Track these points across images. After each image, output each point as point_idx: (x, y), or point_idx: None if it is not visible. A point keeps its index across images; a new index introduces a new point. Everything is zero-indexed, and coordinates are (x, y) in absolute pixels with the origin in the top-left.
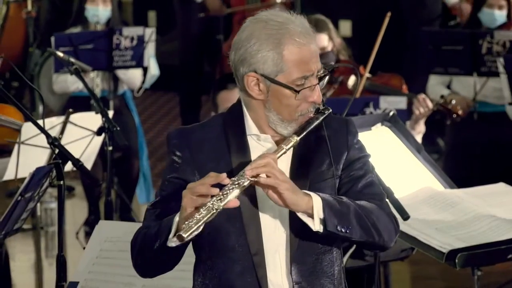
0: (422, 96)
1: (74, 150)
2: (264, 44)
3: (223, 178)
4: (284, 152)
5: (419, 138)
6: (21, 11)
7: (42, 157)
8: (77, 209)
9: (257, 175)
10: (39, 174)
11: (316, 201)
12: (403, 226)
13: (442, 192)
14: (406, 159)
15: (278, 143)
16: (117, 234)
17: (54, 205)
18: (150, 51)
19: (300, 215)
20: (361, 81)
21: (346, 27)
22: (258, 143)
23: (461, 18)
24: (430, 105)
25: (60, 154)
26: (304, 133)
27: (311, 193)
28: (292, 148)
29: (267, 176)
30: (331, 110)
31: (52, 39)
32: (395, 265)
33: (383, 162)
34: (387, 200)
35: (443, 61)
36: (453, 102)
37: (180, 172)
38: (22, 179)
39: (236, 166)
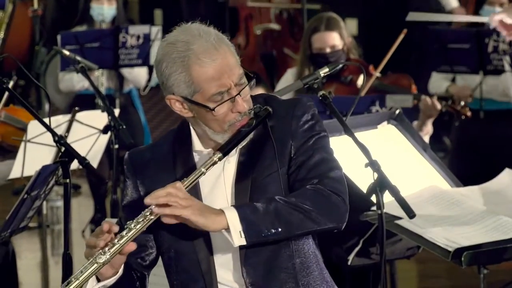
0: (430, 97)
1: (80, 148)
2: (173, 67)
3: (106, 227)
4: (203, 174)
5: (426, 139)
6: (27, 9)
7: (48, 155)
8: (83, 207)
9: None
10: (45, 172)
11: (231, 216)
12: (409, 224)
13: (447, 190)
14: (412, 157)
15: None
16: None
17: (60, 203)
18: (156, 49)
19: (223, 231)
20: (369, 80)
21: (352, 25)
22: (204, 159)
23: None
24: (438, 106)
25: (66, 153)
26: (229, 147)
27: (225, 209)
28: (236, 149)
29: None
30: (270, 111)
31: (58, 37)
32: (401, 263)
33: (389, 160)
34: (332, 174)
35: (449, 60)
36: (462, 103)
37: (130, 200)
38: (28, 177)
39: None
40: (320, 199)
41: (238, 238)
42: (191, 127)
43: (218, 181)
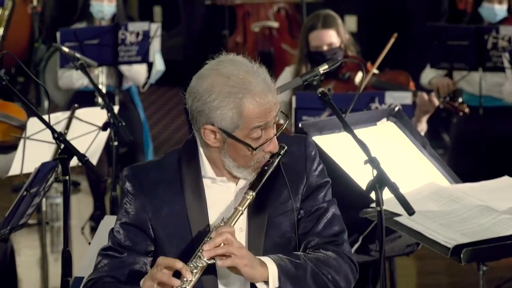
0: (428, 93)
1: (80, 145)
2: (224, 101)
3: (179, 264)
4: (241, 214)
5: None
6: (27, 6)
7: (48, 152)
8: (82, 204)
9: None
10: (44, 169)
11: (272, 270)
12: (408, 221)
13: (446, 187)
14: (411, 154)
15: (236, 182)
16: None
17: (59, 200)
18: (155, 46)
19: (257, 284)
20: (367, 77)
21: (351, 22)
22: (214, 185)
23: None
24: (436, 102)
25: (65, 149)
26: (260, 185)
27: (267, 261)
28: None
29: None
30: (286, 149)
31: (58, 34)
32: (401, 260)
33: (388, 157)
34: (345, 236)
35: (449, 56)
36: (460, 99)
37: (133, 219)
38: (28, 174)
39: (191, 210)
40: (341, 268)
41: None
42: (201, 152)
43: (229, 213)
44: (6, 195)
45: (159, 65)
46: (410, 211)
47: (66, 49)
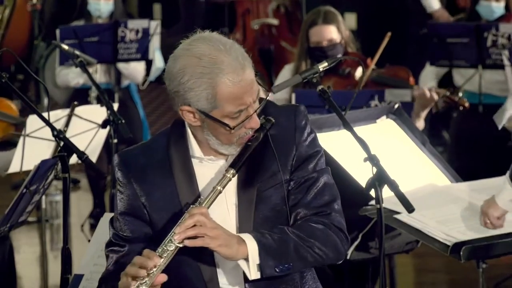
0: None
1: (79, 142)
2: (197, 82)
3: (148, 262)
4: (220, 193)
5: None
6: (26, 3)
7: (47, 150)
8: (82, 202)
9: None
10: (44, 167)
11: (251, 247)
12: (408, 219)
13: (444, 189)
14: (411, 152)
15: (225, 158)
16: None
17: (59, 197)
18: (155, 43)
19: (239, 262)
20: (366, 73)
21: (351, 19)
22: (203, 164)
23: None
24: (436, 97)
25: (65, 147)
26: (241, 162)
27: (246, 238)
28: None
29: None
30: (273, 122)
31: (57, 31)
32: (400, 257)
33: (388, 154)
34: (336, 206)
35: (448, 54)
36: (460, 94)
37: (127, 207)
38: (27, 172)
39: (182, 191)
40: (328, 238)
41: (254, 272)
42: (189, 132)
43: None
44: (5, 192)
45: (159, 63)
46: (410, 208)
47: (65, 47)
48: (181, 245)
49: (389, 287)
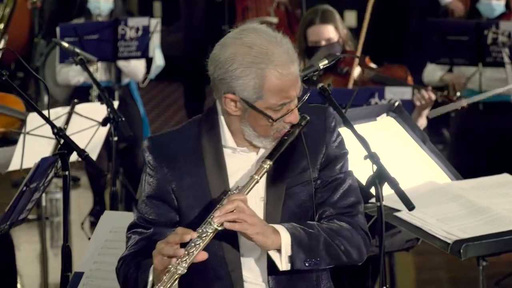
0: (425, 88)
1: (79, 140)
2: (246, 71)
3: (188, 236)
4: (257, 182)
5: None
6: (27, 1)
7: (47, 147)
8: (82, 200)
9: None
10: (44, 165)
11: (285, 238)
12: (408, 216)
13: (444, 186)
14: (411, 150)
15: (257, 151)
16: (122, 224)
17: (59, 195)
18: (155, 41)
19: (270, 252)
20: (354, 64)
21: (351, 17)
22: (235, 155)
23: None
24: (433, 97)
25: (65, 145)
26: (278, 155)
27: (281, 230)
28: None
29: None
30: (308, 119)
31: (57, 29)
32: (400, 255)
33: (388, 152)
34: (360, 208)
35: (448, 52)
36: (458, 94)
37: (156, 191)
38: (27, 170)
39: (212, 180)
40: (354, 238)
41: (285, 263)
42: (222, 122)
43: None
44: (5, 190)
45: (159, 60)
46: (410, 206)
47: (65, 44)
48: (220, 228)
49: (389, 285)
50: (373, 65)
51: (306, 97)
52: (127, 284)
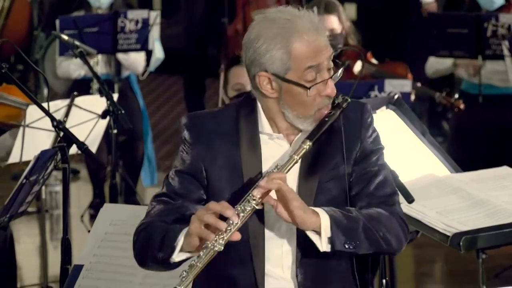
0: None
1: (79, 133)
2: (272, 43)
3: (230, 211)
4: (296, 162)
5: None
6: None
7: (47, 140)
8: (82, 192)
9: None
10: (44, 157)
11: (324, 220)
12: (408, 209)
13: (443, 179)
14: (411, 143)
15: (291, 141)
16: (122, 217)
17: (59, 188)
18: (154, 34)
19: (308, 233)
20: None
21: (351, 10)
22: (270, 142)
23: None
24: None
25: (65, 137)
26: (318, 135)
27: (320, 211)
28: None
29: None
30: (349, 101)
31: (57, 22)
32: None
33: (387, 145)
34: (397, 199)
35: (448, 44)
36: (456, 96)
37: (188, 167)
38: (27, 162)
39: (246, 164)
40: (394, 225)
41: (326, 244)
42: (260, 108)
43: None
44: (5, 183)
45: (159, 53)
46: (410, 199)
47: (65, 37)
48: (258, 207)
49: (389, 278)
50: (374, 61)
51: (342, 69)
52: (148, 246)
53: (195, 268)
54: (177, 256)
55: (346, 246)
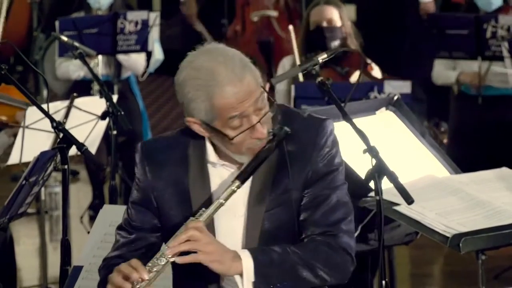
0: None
1: (79, 134)
2: (196, 94)
3: (135, 275)
4: (222, 205)
5: None
6: None
7: (47, 141)
8: (81, 194)
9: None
10: (43, 158)
11: (247, 264)
12: (407, 210)
13: (443, 180)
14: (410, 144)
15: (238, 167)
16: (121, 218)
17: (58, 189)
18: (154, 35)
19: (234, 276)
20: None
21: (350, 11)
22: (217, 169)
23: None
24: None
25: (64, 139)
26: (247, 175)
27: (243, 255)
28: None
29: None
30: (287, 132)
31: (57, 23)
32: (399, 249)
33: (387, 146)
34: (343, 226)
35: (448, 45)
36: (442, 128)
37: (140, 198)
38: (27, 163)
39: (194, 191)
40: (332, 259)
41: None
42: (206, 138)
43: (230, 200)
44: (5, 184)
45: (158, 54)
46: (409, 200)
47: (65, 38)
48: (172, 260)
49: (388, 279)
50: (375, 73)
51: (269, 112)
52: (103, 286)
53: None
54: None
55: (272, 287)
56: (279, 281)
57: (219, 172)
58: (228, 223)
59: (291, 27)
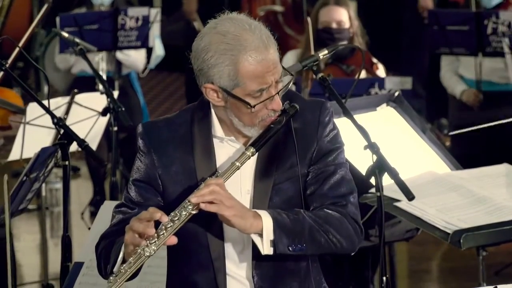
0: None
1: (79, 130)
2: (220, 58)
3: (158, 214)
4: (238, 169)
5: None
6: None
7: (47, 137)
8: (82, 190)
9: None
10: (44, 155)
11: (267, 223)
12: (408, 206)
13: (444, 176)
14: (411, 140)
15: (245, 141)
16: None
17: (59, 185)
18: (155, 31)
19: (252, 236)
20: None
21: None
22: (223, 145)
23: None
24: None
25: (65, 135)
26: (262, 142)
27: (263, 214)
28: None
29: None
30: (297, 109)
31: (57, 19)
32: (400, 245)
33: (388, 142)
34: (351, 199)
35: (448, 41)
36: (445, 131)
37: (143, 175)
38: (27, 160)
39: (200, 168)
40: (343, 227)
41: (268, 248)
42: (213, 111)
43: (235, 176)
44: None
45: (159, 50)
46: (410, 196)
47: (65, 34)
48: (194, 212)
49: (389, 275)
50: (379, 73)
51: (290, 84)
52: (101, 258)
53: (122, 274)
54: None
55: (290, 249)
56: (296, 244)
57: (225, 149)
58: (235, 195)
59: (309, 19)
